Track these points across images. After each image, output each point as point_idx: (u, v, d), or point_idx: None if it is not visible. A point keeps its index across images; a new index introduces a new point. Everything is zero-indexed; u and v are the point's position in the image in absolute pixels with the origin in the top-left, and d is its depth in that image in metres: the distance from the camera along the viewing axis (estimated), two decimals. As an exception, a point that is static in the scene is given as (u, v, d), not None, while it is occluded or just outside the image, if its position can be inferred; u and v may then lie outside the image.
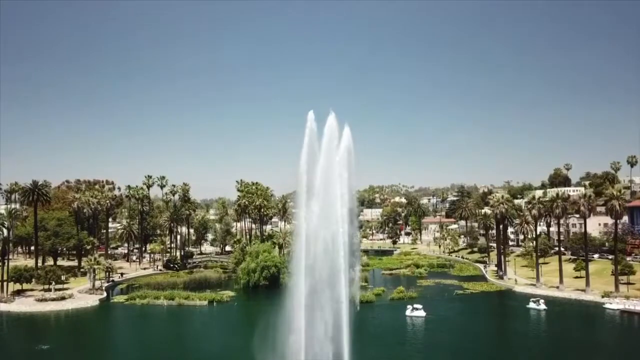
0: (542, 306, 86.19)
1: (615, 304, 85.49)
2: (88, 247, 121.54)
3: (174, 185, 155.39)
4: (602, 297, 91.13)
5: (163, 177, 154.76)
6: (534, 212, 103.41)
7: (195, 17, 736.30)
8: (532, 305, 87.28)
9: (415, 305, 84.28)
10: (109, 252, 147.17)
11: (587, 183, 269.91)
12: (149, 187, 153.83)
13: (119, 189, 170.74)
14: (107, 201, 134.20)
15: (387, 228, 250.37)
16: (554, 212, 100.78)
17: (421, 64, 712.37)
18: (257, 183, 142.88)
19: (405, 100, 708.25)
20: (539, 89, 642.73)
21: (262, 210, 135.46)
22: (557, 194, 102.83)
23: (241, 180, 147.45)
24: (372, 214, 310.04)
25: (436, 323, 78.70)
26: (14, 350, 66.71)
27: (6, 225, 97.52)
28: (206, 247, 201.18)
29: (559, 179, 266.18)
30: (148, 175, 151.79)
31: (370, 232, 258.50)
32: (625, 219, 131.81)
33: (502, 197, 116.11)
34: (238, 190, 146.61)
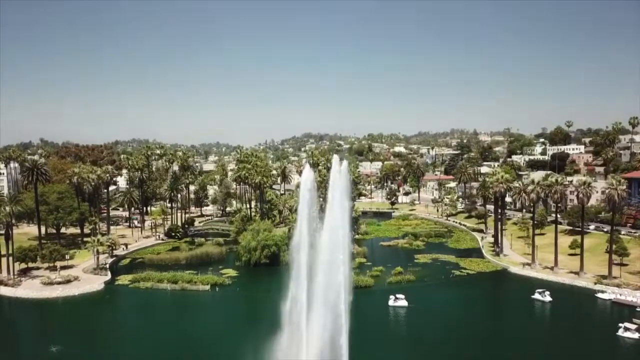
0: (548, 298, 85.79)
1: (607, 294, 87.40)
2: (90, 227, 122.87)
3: (172, 154, 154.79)
4: (595, 283, 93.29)
5: (162, 147, 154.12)
6: (533, 195, 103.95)
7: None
8: (537, 296, 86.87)
9: (398, 295, 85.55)
10: (110, 214, 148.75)
11: (587, 140, 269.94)
12: (147, 156, 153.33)
13: (118, 154, 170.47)
14: (107, 175, 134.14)
15: (385, 184, 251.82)
16: (553, 197, 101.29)
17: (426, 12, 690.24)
18: (256, 155, 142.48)
19: (406, 44, 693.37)
20: (546, 38, 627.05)
21: (262, 186, 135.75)
22: (556, 180, 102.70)
23: (240, 149, 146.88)
24: (372, 167, 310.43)
25: (418, 315, 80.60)
26: (25, 353, 69.01)
27: (8, 211, 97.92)
28: (207, 208, 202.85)
29: (560, 136, 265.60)
30: (147, 145, 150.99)
31: (369, 187, 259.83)
32: (624, 181, 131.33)
33: (502, 177, 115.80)
34: (238, 160, 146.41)
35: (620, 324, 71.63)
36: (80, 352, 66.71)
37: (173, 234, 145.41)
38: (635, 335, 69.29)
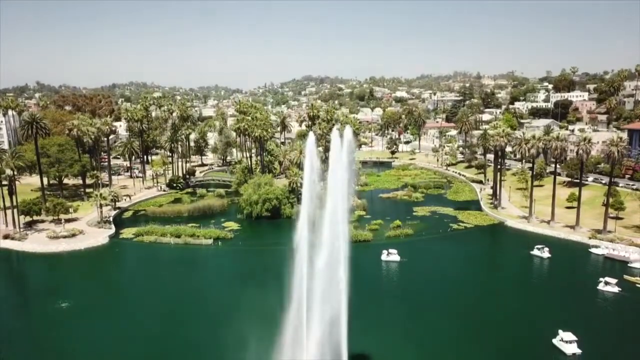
0: (546, 254, 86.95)
1: (600, 249, 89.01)
2: (92, 181, 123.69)
3: (171, 104, 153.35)
4: (590, 238, 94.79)
5: (161, 97, 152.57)
6: (532, 151, 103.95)
7: None
8: (536, 252, 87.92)
9: (390, 250, 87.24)
10: (111, 164, 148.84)
11: (591, 87, 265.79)
12: (146, 108, 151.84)
13: (116, 103, 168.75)
14: (106, 127, 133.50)
15: (386, 132, 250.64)
16: (553, 153, 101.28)
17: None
18: (256, 107, 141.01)
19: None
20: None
21: (262, 139, 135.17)
22: (557, 136, 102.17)
23: (240, 100, 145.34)
24: (373, 114, 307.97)
25: (409, 269, 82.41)
26: (35, 308, 71.28)
27: (10, 166, 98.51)
28: (207, 157, 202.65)
29: (564, 83, 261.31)
30: (145, 96, 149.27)
31: (370, 135, 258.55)
32: (625, 138, 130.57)
33: (503, 130, 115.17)
34: (236, 111, 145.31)
35: (600, 279, 73.43)
36: (89, 308, 68.60)
37: (174, 184, 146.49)
38: (615, 289, 71.29)
